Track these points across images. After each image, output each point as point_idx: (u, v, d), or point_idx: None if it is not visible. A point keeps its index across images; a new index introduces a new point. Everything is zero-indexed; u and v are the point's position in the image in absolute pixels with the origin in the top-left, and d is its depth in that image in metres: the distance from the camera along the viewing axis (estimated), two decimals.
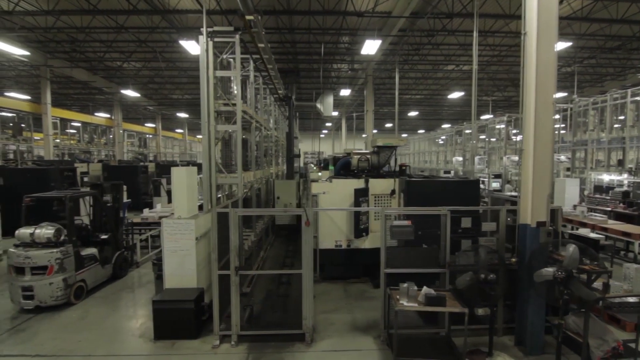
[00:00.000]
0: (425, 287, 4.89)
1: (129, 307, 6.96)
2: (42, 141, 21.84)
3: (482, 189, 11.33)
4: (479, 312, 4.97)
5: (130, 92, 20.88)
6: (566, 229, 9.57)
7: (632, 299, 5.86)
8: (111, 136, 29.36)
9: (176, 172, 6.27)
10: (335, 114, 21.96)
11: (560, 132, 20.41)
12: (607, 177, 14.46)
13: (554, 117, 4.95)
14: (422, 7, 12.22)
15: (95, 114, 28.05)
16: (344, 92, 21.12)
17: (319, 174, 9.28)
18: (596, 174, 14.99)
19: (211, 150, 7.05)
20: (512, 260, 5.33)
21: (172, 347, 5.39)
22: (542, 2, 4.91)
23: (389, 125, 40.22)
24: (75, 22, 13.42)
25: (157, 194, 16.99)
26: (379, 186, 8.23)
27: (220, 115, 7.79)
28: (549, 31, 4.94)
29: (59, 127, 23.45)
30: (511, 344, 5.48)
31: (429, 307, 4.75)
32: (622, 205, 11.30)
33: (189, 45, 12.03)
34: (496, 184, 16.22)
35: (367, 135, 19.41)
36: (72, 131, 27.06)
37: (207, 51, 6.97)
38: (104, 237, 8.03)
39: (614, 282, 6.26)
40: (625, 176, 13.50)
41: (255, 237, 8.53)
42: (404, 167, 10.02)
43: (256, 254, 8.97)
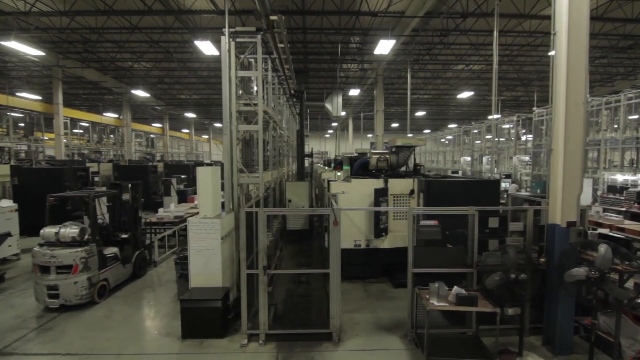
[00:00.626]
0: (455, 287, 4.89)
1: (152, 306, 6.99)
2: (51, 141, 22.03)
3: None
4: (509, 311, 4.97)
5: (140, 92, 20.98)
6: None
7: None
8: (117, 136, 29.52)
9: (202, 172, 6.30)
10: (342, 114, 21.89)
11: None
12: (620, 177, 14.37)
13: (585, 117, 4.94)
14: (436, 6, 12.20)
15: (103, 114, 28.21)
16: (353, 92, 21.09)
17: (338, 173, 9.25)
18: (609, 174, 14.90)
19: (233, 150, 7.06)
20: (541, 260, 5.32)
21: (201, 346, 5.42)
22: (573, 1, 4.90)
23: (395, 125, 40.13)
24: (89, 23, 13.50)
25: (167, 193, 17.08)
26: (398, 186, 8.23)
27: (240, 115, 7.80)
28: (579, 30, 4.92)
29: (69, 127, 23.60)
30: (538, 343, 5.48)
31: (461, 307, 4.75)
32: (637, 205, 11.23)
33: (204, 45, 12.05)
34: (506, 184, 16.14)
35: (377, 135, 19.36)
36: (79, 131, 27.21)
37: (230, 51, 6.96)
38: (124, 236, 8.10)
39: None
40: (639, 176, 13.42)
41: (272, 237, 8.55)
42: (419, 167, 10.05)
43: (273, 254, 9.00)
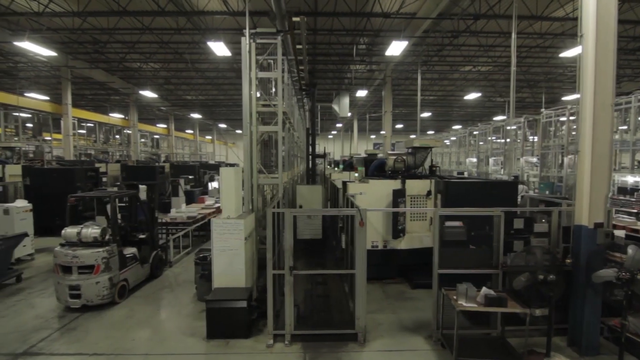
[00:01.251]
0: (484, 288, 4.90)
1: (173, 306, 7.00)
2: (57, 141, 22.08)
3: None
4: (537, 312, 4.96)
5: (147, 93, 21.05)
6: None
7: None
8: (123, 136, 29.55)
9: (225, 173, 6.33)
10: (349, 114, 21.90)
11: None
12: (631, 179, 14.37)
13: (612, 118, 4.96)
14: (448, 7, 12.22)
15: (109, 114, 28.28)
16: (360, 93, 21.11)
17: (355, 174, 9.27)
18: (619, 176, 14.89)
19: (253, 151, 7.09)
20: (567, 261, 5.32)
21: (227, 346, 5.43)
22: (600, 4, 4.91)
23: (399, 126, 40.14)
24: (101, 24, 13.55)
25: (175, 194, 17.10)
26: (415, 187, 8.24)
27: (258, 116, 7.84)
28: (607, 33, 4.93)
29: (76, 127, 23.66)
30: (564, 344, 5.48)
31: (490, 308, 4.75)
32: None
33: (217, 46, 12.09)
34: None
35: (385, 136, 19.38)
36: (83, 131, 27.23)
37: (250, 52, 7.00)
38: (142, 236, 8.13)
39: None
40: None
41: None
42: (435, 168, 10.05)
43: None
